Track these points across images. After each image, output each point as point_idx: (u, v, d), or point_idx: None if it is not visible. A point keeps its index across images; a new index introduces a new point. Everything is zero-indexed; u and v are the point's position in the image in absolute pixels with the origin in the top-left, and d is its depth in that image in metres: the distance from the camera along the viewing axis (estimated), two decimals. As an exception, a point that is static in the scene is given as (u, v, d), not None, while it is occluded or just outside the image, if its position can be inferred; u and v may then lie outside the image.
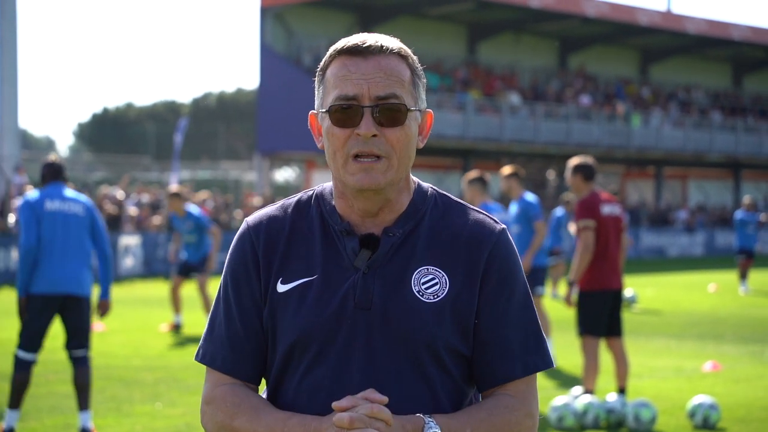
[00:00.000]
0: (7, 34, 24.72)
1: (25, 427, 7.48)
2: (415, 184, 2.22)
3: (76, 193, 7.27)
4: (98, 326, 13.09)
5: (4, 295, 17.53)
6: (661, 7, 47.58)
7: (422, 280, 2.12)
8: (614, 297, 8.17)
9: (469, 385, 2.19)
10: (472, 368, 2.17)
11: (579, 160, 8.37)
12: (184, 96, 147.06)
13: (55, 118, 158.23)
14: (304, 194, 2.25)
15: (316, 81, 2.18)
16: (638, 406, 7.52)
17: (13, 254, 19.99)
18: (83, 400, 7.06)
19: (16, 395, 6.96)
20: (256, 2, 36.11)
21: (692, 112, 42.63)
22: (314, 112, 2.19)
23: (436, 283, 2.12)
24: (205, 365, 2.22)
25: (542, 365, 2.18)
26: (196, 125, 55.13)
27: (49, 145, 79.01)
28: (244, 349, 2.17)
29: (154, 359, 10.89)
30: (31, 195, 7.18)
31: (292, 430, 2.04)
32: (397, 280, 2.11)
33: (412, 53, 2.18)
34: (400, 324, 2.09)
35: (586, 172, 8.25)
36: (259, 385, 2.22)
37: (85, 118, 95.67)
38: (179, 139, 30.73)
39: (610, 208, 8.20)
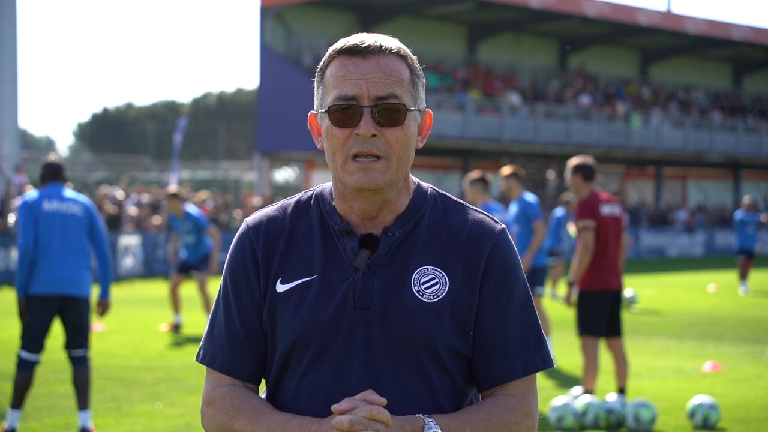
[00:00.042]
0: (7, 34, 24.71)
1: (25, 426, 7.48)
2: (415, 185, 2.21)
3: (75, 193, 7.26)
4: (98, 326, 13.09)
5: (4, 295, 17.52)
6: (661, 7, 47.59)
7: (422, 280, 2.11)
8: (614, 297, 8.17)
9: (468, 386, 2.19)
10: (472, 368, 2.16)
11: (579, 160, 8.37)
12: (184, 96, 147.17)
13: (55, 118, 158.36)
14: (304, 195, 2.25)
15: (316, 81, 2.18)
16: (638, 406, 7.51)
17: (13, 254, 19.99)
18: (83, 400, 7.07)
19: (19, 395, 6.97)
20: (255, 2, 36.12)
21: (692, 112, 42.63)
22: (314, 112, 2.19)
23: (436, 283, 2.11)
24: (205, 366, 2.21)
25: (542, 365, 2.18)
26: (195, 125, 55.11)
27: (49, 145, 79.02)
28: (244, 349, 2.17)
29: (154, 359, 10.89)
30: (30, 195, 7.17)
31: None
32: (397, 280, 2.11)
33: (412, 53, 2.17)
34: (400, 324, 2.09)
35: (586, 172, 8.25)
36: (259, 385, 2.22)
37: (85, 118, 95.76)
38: (178, 138, 30.72)
39: (609, 209, 8.19)
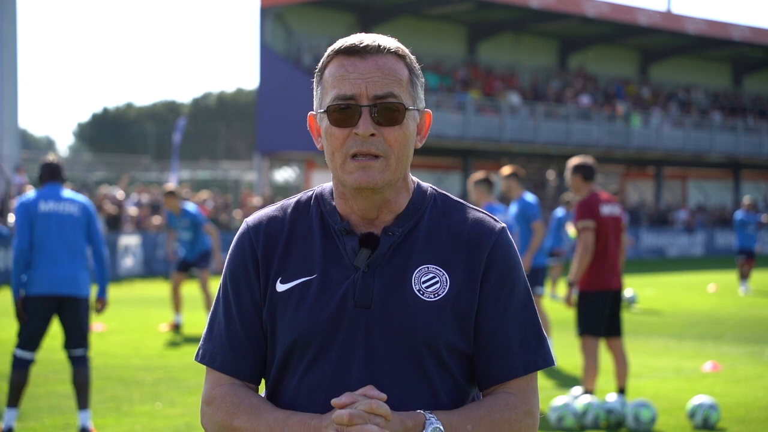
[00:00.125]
0: (8, 34, 24.72)
1: (25, 426, 7.48)
2: (415, 184, 2.21)
3: (74, 193, 7.27)
4: (98, 326, 13.10)
5: (4, 295, 17.52)
6: (661, 7, 47.59)
7: (423, 279, 2.11)
8: (614, 297, 8.17)
9: (469, 384, 2.19)
10: (473, 367, 2.17)
11: (579, 160, 8.37)
12: (184, 96, 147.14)
13: (55, 118, 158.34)
14: (304, 195, 2.25)
15: (315, 82, 2.18)
16: (638, 406, 7.51)
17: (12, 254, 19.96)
18: (82, 400, 7.07)
19: (15, 394, 6.98)
20: (256, 2, 36.12)
21: (692, 112, 42.63)
22: (313, 113, 2.19)
23: (437, 282, 2.11)
24: (204, 365, 2.21)
25: (542, 364, 2.18)
26: (195, 125, 55.10)
27: (49, 145, 79.02)
28: (244, 348, 2.17)
29: (154, 359, 10.89)
30: (27, 197, 7.19)
31: (293, 429, 2.04)
32: (397, 279, 2.11)
33: (411, 53, 2.17)
34: (401, 323, 2.09)
35: (586, 172, 8.25)
36: (259, 385, 2.22)
37: (85, 118, 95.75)
38: (178, 138, 30.74)
39: (609, 209, 8.19)
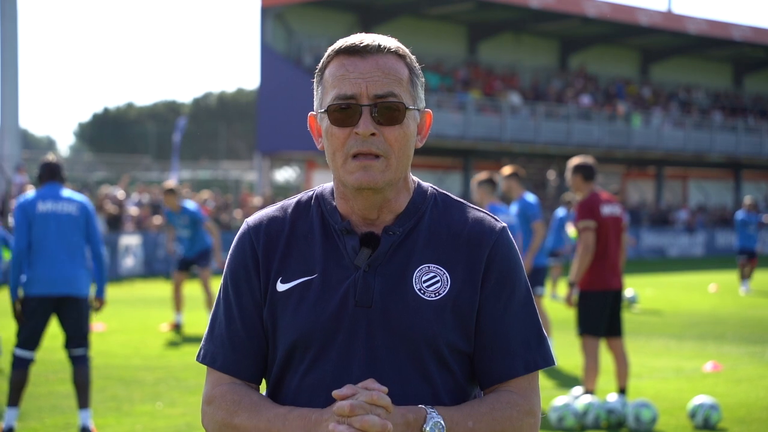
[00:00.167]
0: (8, 34, 24.72)
1: (26, 426, 7.48)
2: (415, 184, 2.22)
3: (73, 193, 7.26)
4: (98, 326, 13.10)
5: (4, 295, 17.52)
6: (662, 7, 47.53)
7: (423, 278, 2.11)
8: (614, 297, 8.16)
9: (470, 384, 2.19)
10: (474, 366, 2.17)
11: (579, 160, 8.37)
12: (185, 96, 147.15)
13: (56, 118, 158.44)
14: (304, 195, 2.25)
15: (315, 82, 2.18)
16: (639, 406, 7.51)
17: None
18: (83, 399, 7.08)
19: (15, 393, 6.99)
20: (256, 2, 36.10)
21: (693, 112, 42.62)
22: (313, 113, 2.19)
23: (438, 281, 2.11)
24: (205, 366, 2.21)
25: (543, 363, 2.18)
26: (196, 125, 55.12)
27: (49, 144, 79.03)
28: (245, 348, 2.17)
29: (155, 359, 10.89)
30: (25, 197, 7.20)
31: (293, 423, 2.04)
32: (398, 279, 2.11)
33: (412, 53, 2.18)
34: (401, 322, 2.09)
35: (586, 172, 8.25)
36: (259, 385, 2.21)
37: (86, 117, 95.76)
38: (178, 138, 30.75)
39: (610, 209, 8.19)
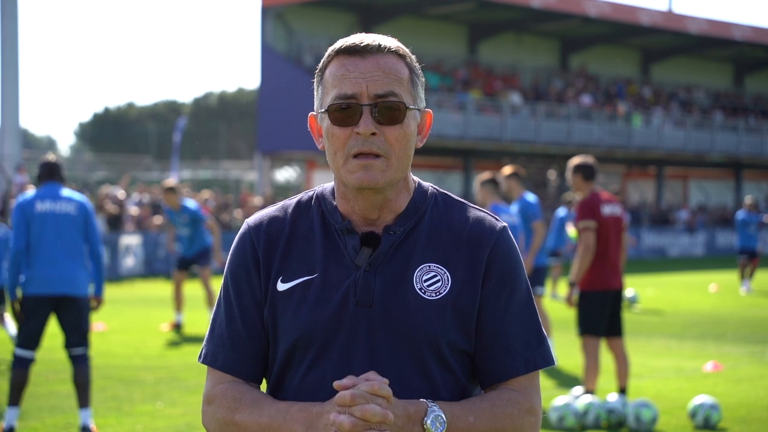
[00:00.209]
0: (9, 33, 24.72)
1: (26, 426, 7.49)
2: (416, 184, 2.22)
3: (72, 192, 7.26)
4: (99, 326, 13.11)
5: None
6: (663, 7, 47.52)
7: (424, 278, 2.11)
8: (615, 297, 8.17)
9: (471, 383, 2.19)
10: (475, 365, 2.17)
11: (579, 159, 8.37)
12: (185, 96, 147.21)
13: (57, 118, 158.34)
14: (305, 195, 2.25)
15: (315, 82, 2.18)
16: (639, 406, 7.51)
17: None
18: (83, 398, 7.08)
19: (15, 393, 7.00)
20: (257, 2, 36.11)
21: (693, 112, 42.62)
22: (314, 113, 2.19)
23: (438, 281, 2.12)
24: (206, 365, 2.21)
25: (542, 363, 2.18)
26: (197, 125, 55.14)
27: (50, 144, 79.03)
28: (246, 348, 2.17)
29: (155, 359, 10.90)
30: (24, 196, 7.20)
31: (295, 416, 2.04)
32: (399, 278, 2.11)
33: (412, 53, 2.18)
34: (402, 321, 2.09)
35: (587, 172, 8.25)
36: (260, 385, 2.21)
37: (87, 117, 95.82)
38: (178, 138, 30.76)
39: (610, 209, 8.19)
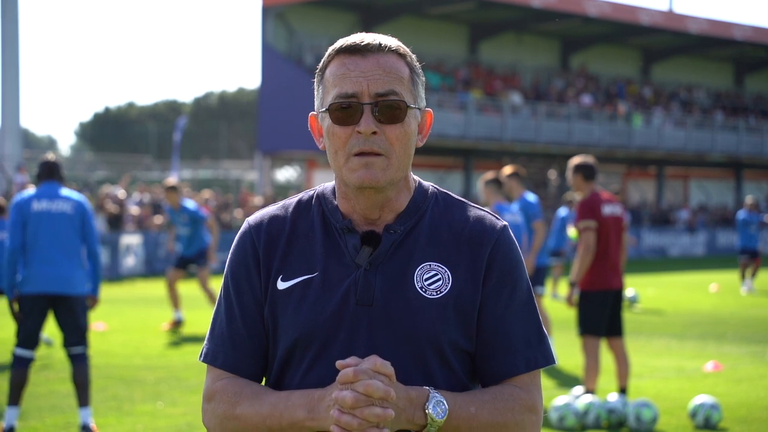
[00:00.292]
0: (9, 33, 24.74)
1: (26, 426, 7.49)
2: (416, 183, 2.22)
3: (70, 192, 7.27)
4: (99, 325, 13.10)
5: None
6: (663, 7, 47.56)
7: (425, 277, 2.11)
8: (615, 297, 8.16)
9: (472, 382, 2.19)
10: (475, 364, 2.17)
11: (580, 159, 8.37)
12: (186, 95, 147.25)
13: (57, 118, 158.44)
14: (305, 194, 2.25)
15: (316, 81, 2.18)
16: (639, 406, 7.51)
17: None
18: (82, 397, 7.09)
19: (15, 392, 7.01)
20: (257, 2, 36.11)
21: (694, 111, 42.61)
22: (314, 113, 2.19)
23: (439, 279, 2.12)
24: (206, 364, 2.21)
25: (543, 362, 2.18)
26: (197, 125, 55.15)
27: (50, 144, 79.06)
28: (246, 347, 2.17)
29: (155, 358, 10.89)
30: (22, 195, 7.21)
31: (297, 401, 2.05)
32: (399, 277, 2.11)
33: (413, 53, 2.18)
34: (403, 320, 2.09)
35: (587, 172, 8.25)
36: (260, 383, 2.21)
37: (87, 117, 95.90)
38: (179, 137, 30.77)
39: (611, 209, 8.19)
